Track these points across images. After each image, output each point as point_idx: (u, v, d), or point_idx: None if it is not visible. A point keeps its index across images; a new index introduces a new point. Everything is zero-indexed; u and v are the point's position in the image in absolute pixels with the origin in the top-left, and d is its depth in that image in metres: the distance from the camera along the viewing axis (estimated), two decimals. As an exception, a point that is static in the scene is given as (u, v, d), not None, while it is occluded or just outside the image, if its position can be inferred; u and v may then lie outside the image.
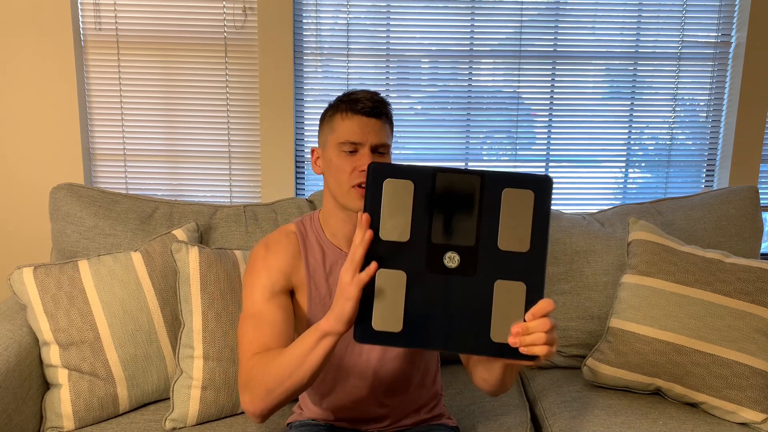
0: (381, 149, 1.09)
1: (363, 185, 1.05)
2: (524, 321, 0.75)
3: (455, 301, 0.77)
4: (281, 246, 1.15)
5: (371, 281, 0.79)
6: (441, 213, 0.78)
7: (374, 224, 0.79)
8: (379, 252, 0.79)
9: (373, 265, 0.78)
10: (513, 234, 0.77)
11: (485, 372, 0.97)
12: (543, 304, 0.74)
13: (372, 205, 0.79)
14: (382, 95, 1.13)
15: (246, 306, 1.11)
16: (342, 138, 1.08)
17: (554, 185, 1.72)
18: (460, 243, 0.78)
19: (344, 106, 1.10)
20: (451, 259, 0.78)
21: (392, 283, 0.79)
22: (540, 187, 0.77)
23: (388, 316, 0.78)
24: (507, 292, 0.77)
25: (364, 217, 0.77)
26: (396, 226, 0.79)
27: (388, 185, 0.79)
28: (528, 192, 0.77)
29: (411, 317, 0.78)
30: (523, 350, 0.75)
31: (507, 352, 0.76)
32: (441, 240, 0.78)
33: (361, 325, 0.79)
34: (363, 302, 0.79)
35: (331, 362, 1.16)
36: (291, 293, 1.15)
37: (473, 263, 0.77)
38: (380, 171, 0.79)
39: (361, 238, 0.77)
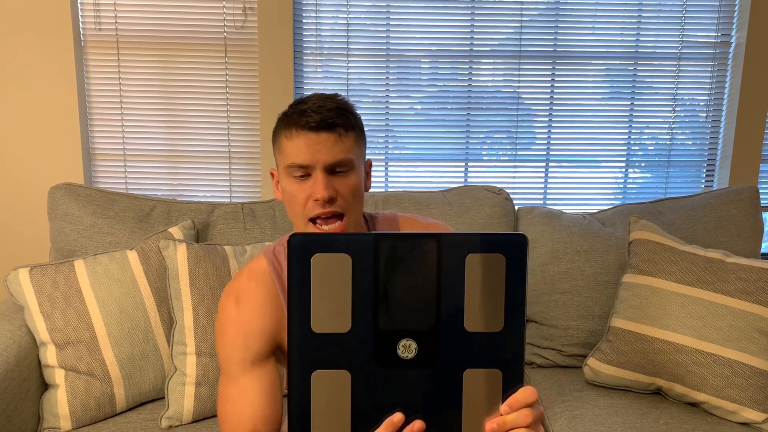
0: (339, 168, 0.91)
1: (321, 218, 0.90)
2: (501, 414, 0.62)
3: (415, 399, 0.63)
4: (255, 299, 0.96)
5: (306, 386, 0.63)
6: (389, 291, 0.63)
7: (304, 314, 0.63)
8: (313, 348, 0.63)
9: None
10: (482, 311, 0.63)
11: None
12: (523, 394, 0.61)
13: (299, 288, 0.62)
14: (342, 98, 0.94)
15: (225, 380, 0.96)
16: (288, 160, 0.91)
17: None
18: (415, 327, 0.63)
19: (290, 121, 0.91)
20: (407, 348, 0.63)
21: (333, 386, 0.63)
22: (512, 249, 0.62)
23: (331, 427, 0.63)
24: (479, 382, 0.63)
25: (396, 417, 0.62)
26: (332, 314, 0.63)
27: (318, 262, 0.62)
28: (497, 257, 0.62)
29: (361, 425, 0.63)
30: None
31: None
32: (391, 326, 0.63)
33: None
34: (297, 412, 0.63)
35: None
36: (278, 345, 1.00)
37: (434, 351, 0.63)
38: (304, 245, 0.62)
39: None
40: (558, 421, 1.40)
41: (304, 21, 2.10)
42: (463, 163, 2.22)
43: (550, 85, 2.16)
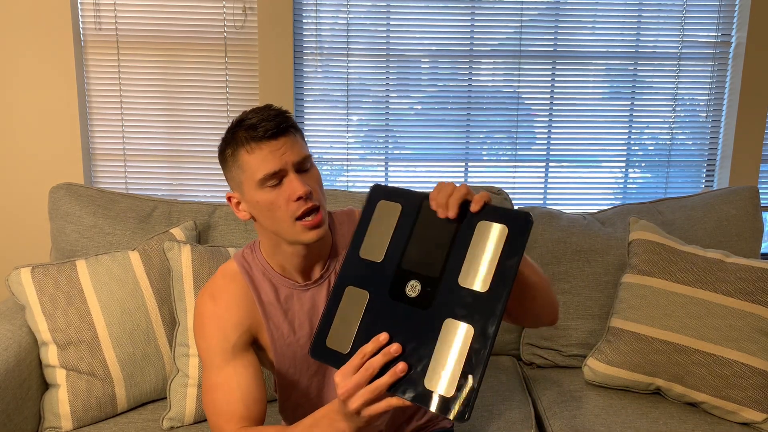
0: (305, 165, 0.95)
1: (306, 217, 0.93)
2: (462, 373, 0.66)
3: (404, 331, 0.71)
4: (230, 295, 1.01)
5: (339, 297, 0.75)
6: (418, 239, 0.74)
7: (358, 241, 0.77)
8: (354, 269, 0.76)
9: (390, 401, 0.69)
10: (474, 270, 0.70)
11: (525, 306, 0.89)
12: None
13: (362, 223, 0.78)
14: (276, 106, 0.97)
15: (208, 372, 0.99)
16: (259, 174, 0.92)
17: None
18: (425, 273, 0.72)
19: (244, 138, 0.93)
20: (413, 288, 0.73)
21: (355, 302, 0.75)
22: (516, 224, 0.70)
23: (341, 335, 0.74)
24: (452, 333, 0.68)
25: (389, 344, 0.71)
26: (375, 246, 0.76)
27: (381, 206, 0.78)
28: (502, 227, 0.70)
29: (359, 341, 0.72)
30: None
31: (435, 403, 0.66)
32: (410, 267, 0.74)
33: (318, 337, 0.75)
34: (325, 318, 0.75)
35: (310, 398, 1.09)
36: (254, 338, 1.04)
37: (430, 296, 0.71)
38: (378, 192, 0.79)
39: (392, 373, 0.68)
40: (558, 421, 1.40)
41: (304, 21, 2.10)
42: (463, 163, 2.22)
43: (550, 85, 2.16)
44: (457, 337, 0.68)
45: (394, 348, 0.69)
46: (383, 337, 0.70)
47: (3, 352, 1.32)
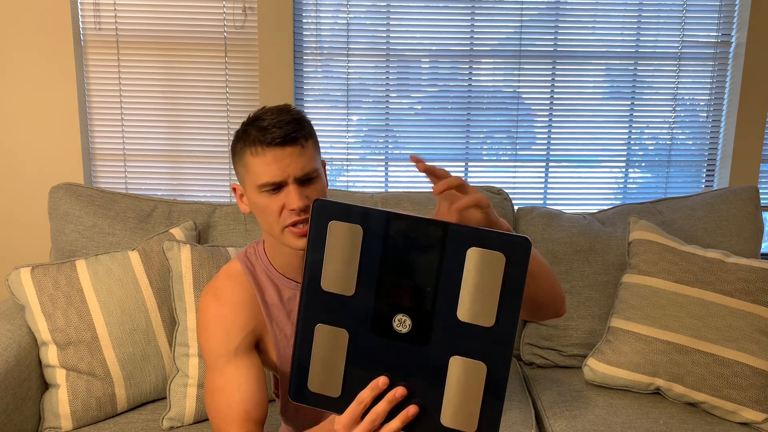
0: (310, 176, 0.94)
1: (297, 225, 0.92)
2: (481, 404, 0.64)
3: (403, 370, 0.66)
4: (234, 295, 1.00)
5: (310, 338, 0.68)
6: (393, 267, 0.66)
7: (316, 271, 0.67)
8: (319, 304, 0.67)
9: None
10: (475, 304, 0.64)
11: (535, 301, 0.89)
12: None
13: (314, 247, 0.67)
14: (293, 107, 0.95)
15: (211, 373, 0.98)
16: (259, 180, 0.91)
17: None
18: (412, 305, 0.66)
19: (252, 137, 0.92)
20: (402, 323, 0.66)
21: (332, 341, 0.67)
22: (514, 250, 0.63)
23: (326, 378, 0.68)
24: (464, 371, 0.65)
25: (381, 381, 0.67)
26: (340, 276, 0.67)
27: (334, 228, 0.67)
28: (498, 255, 0.63)
29: (351, 383, 0.67)
30: None
31: None
32: (390, 299, 0.66)
33: (296, 381, 0.69)
34: (298, 362, 0.69)
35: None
36: (257, 340, 1.04)
37: (427, 331, 0.66)
38: (324, 210, 0.67)
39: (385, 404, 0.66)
40: (558, 421, 1.40)
41: (304, 21, 2.10)
42: (463, 163, 2.22)
43: (550, 85, 2.16)
44: (469, 376, 0.64)
45: (399, 392, 0.66)
46: (382, 381, 0.66)
47: (3, 352, 1.32)
